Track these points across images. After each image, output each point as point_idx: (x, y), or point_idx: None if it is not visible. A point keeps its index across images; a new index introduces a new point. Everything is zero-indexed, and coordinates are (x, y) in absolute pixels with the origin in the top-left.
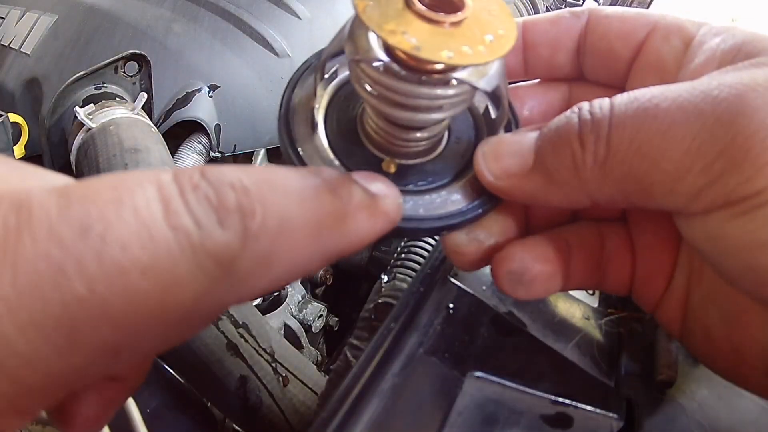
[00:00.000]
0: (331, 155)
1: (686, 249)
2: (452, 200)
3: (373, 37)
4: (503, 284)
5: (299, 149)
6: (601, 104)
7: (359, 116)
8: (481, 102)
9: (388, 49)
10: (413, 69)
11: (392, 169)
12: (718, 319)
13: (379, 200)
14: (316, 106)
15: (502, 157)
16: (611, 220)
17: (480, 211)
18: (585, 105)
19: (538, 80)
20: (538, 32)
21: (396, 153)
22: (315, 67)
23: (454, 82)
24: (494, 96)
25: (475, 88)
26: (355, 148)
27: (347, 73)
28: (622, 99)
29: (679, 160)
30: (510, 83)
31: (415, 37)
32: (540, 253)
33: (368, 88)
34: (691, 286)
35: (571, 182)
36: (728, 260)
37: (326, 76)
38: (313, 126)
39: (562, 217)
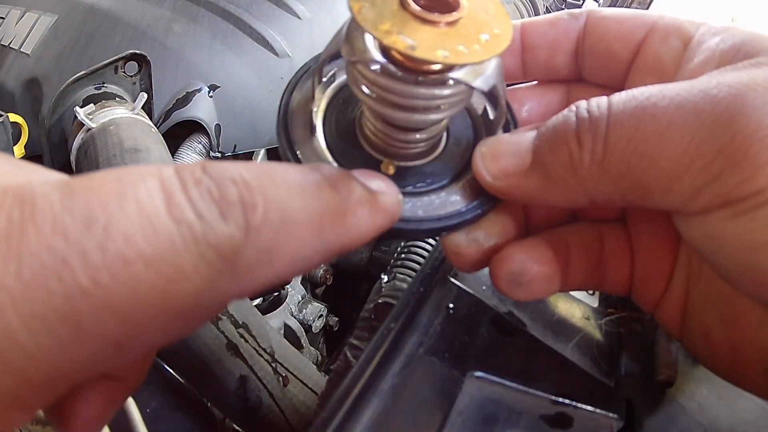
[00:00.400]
0: (330, 157)
1: (685, 249)
2: (451, 201)
3: (369, 39)
4: (502, 285)
5: (298, 152)
6: (599, 103)
7: (357, 119)
8: (479, 103)
9: (384, 50)
10: (410, 70)
11: (391, 170)
12: (717, 320)
13: (379, 196)
14: (315, 109)
15: (500, 157)
16: (610, 221)
17: (479, 211)
18: (582, 103)
19: (536, 82)
20: (536, 34)
21: (394, 155)
22: (313, 70)
23: (450, 82)
24: (491, 96)
25: (471, 88)
26: (354, 150)
27: (345, 76)
28: (620, 98)
29: (677, 160)
30: (508, 85)
31: (411, 37)
32: (539, 254)
33: (365, 89)
34: (690, 287)
35: (569, 181)
36: (727, 260)
37: (324, 79)
38: (312, 129)
39: (562, 217)
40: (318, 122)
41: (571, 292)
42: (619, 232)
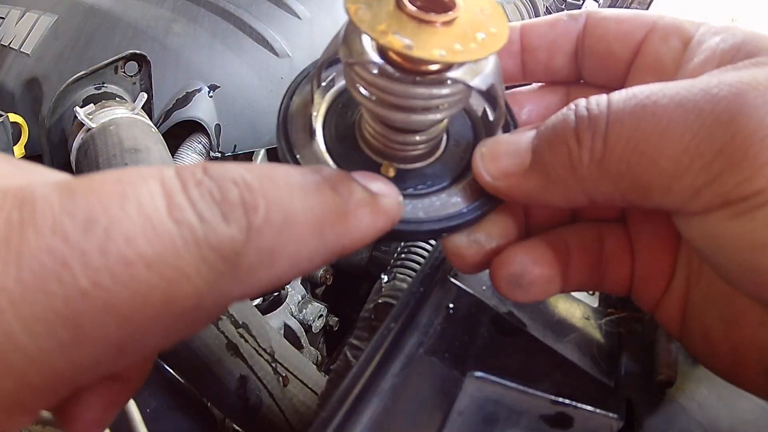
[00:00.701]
0: (330, 160)
1: (685, 250)
2: (452, 203)
3: (367, 41)
4: (502, 287)
5: (297, 155)
6: (599, 101)
7: (357, 122)
8: (478, 105)
9: (382, 52)
10: (407, 70)
11: (391, 173)
12: (717, 320)
13: (379, 198)
14: (314, 113)
15: (500, 157)
16: (610, 221)
17: (480, 212)
18: (582, 101)
19: (536, 85)
20: (536, 35)
21: (394, 157)
22: (312, 74)
23: (448, 82)
24: (490, 96)
25: (469, 87)
26: (354, 154)
27: (344, 79)
28: (619, 96)
29: (677, 159)
30: (508, 87)
31: (407, 37)
32: (539, 255)
33: (364, 92)
34: (690, 287)
35: (568, 180)
36: (727, 260)
37: (324, 83)
38: (312, 133)
39: (562, 218)
40: (317, 126)
41: (571, 292)
42: (619, 232)
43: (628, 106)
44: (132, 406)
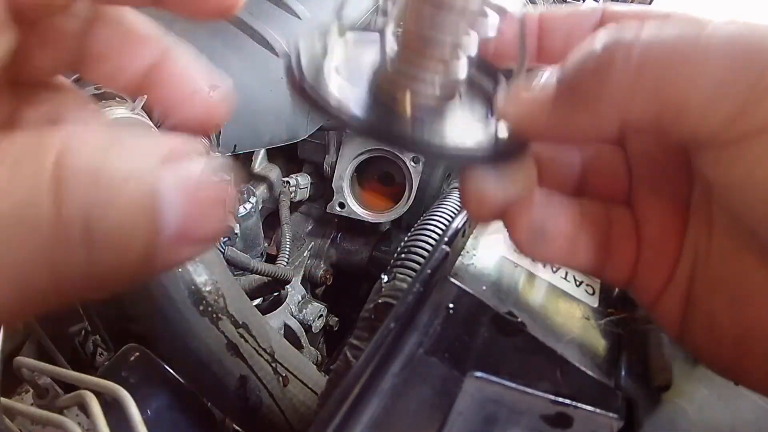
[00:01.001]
0: (347, 83)
1: (692, 237)
2: (478, 140)
3: None
4: (522, 239)
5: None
6: (631, 25)
7: (376, 71)
8: (490, 88)
9: None
10: None
11: (407, 104)
12: (724, 303)
13: None
14: (328, 57)
15: (526, 92)
16: (618, 203)
17: (508, 152)
18: (611, 25)
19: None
20: (554, 22)
21: (413, 91)
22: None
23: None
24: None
25: (504, 11)
26: (372, 88)
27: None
28: (652, 25)
29: (719, 80)
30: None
31: None
32: (561, 206)
33: None
34: (695, 274)
35: (597, 100)
36: (758, 198)
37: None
38: (323, 72)
39: (569, 190)
40: (332, 69)
41: (571, 292)
42: (626, 216)
43: (664, 30)
44: (132, 407)
